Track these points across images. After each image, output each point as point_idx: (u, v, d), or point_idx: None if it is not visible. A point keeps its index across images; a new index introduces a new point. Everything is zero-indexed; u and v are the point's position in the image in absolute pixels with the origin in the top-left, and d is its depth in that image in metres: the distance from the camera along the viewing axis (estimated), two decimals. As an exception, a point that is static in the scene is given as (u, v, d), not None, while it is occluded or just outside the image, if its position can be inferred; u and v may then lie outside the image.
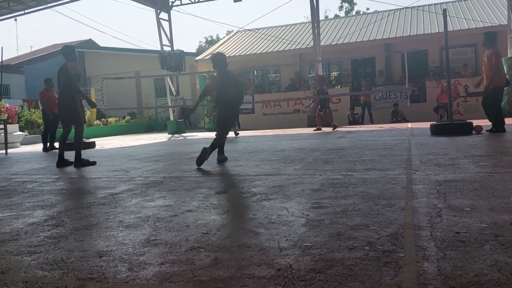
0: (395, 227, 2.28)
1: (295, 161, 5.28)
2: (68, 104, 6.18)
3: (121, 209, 3.15)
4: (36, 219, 2.97)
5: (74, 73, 6.15)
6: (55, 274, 1.90)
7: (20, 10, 15.77)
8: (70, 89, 6.16)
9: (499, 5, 17.45)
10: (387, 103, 15.43)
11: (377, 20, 19.95)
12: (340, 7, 38.57)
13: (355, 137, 8.36)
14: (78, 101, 6.21)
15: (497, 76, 7.40)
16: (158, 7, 15.86)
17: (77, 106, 6.18)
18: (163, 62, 15.01)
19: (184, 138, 12.72)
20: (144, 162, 6.18)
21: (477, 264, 1.71)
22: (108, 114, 19.33)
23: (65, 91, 6.23)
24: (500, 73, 7.46)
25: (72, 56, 6.32)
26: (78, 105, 6.20)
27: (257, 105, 17.36)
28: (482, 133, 7.43)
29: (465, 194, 2.94)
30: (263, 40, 20.61)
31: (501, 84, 7.50)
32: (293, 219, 2.57)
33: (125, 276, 1.82)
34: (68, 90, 6.18)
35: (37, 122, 14.43)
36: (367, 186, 3.43)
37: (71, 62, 6.22)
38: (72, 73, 6.12)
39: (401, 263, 1.77)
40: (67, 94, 6.19)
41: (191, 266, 1.90)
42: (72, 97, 6.16)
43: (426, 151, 5.45)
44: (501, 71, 7.52)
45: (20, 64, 26.64)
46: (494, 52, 7.45)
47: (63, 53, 6.30)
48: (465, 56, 16.93)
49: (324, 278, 1.67)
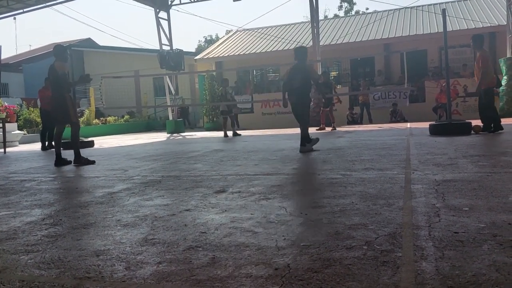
0: (393, 226, 2.28)
1: (294, 161, 5.28)
2: (59, 103, 6.18)
3: (119, 208, 3.14)
4: (33, 218, 2.96)
5: (62, 73, 6.11)
6: (52, 273, 1.89)
7: (19, 8, 15.75)
8: (59, 88, 6.16)
9: (498, 6, 17.46)
10: (386, 103, 15.43)
11: (377, 20, 19.94)
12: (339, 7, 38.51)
13: (354, 137, 8.36)
14: (68, 100, 6.20)
15: (486, 78, 7.51)
16: (157, 6, 15.84)
17: (67, 105, 6.16)
18: (162, 61, 14.99)
19: (183, 137, 12.71)
20: (143, 161, 6.17)
21: (475, 264, 1.70)
22: (107, 113, 19.30)
23: (55, 91, 6.26)
24: (488, 75, 7.56)
25: (63, 56, 6.31)
26: (69, 104, 6.19)
27: (256, 105, 17.36)
28: (481, 133, 7.44)
29: (463, 194, 2.94)
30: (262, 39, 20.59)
31: (489, 85, 7.61)
32: (291, 219, 2.56)
33: (122, 275, 1.82)
34: (57, 90, 6.19)
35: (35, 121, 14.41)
36: (366, 185, 3.42)
37: (59, 62, 6.19)
38: (60, 73, 6.10)
39: (399, 263, 1.77)
40: (57, 93, 6.20)
41: (189, 265, 1.89)
42: (63, 96, 6.15)
43: (425, 151, 5.45)
44: (489, 73, 7.62)
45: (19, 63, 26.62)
46: (482, 55, 7.59)
47: (54, 52, 6.31)
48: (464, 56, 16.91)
49: (322, 277, 1.67)
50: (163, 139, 12.19)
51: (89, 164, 6.15)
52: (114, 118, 18.67)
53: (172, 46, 16.17)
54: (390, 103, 15.21)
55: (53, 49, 6.37)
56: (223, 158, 6.01)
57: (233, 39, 22.23)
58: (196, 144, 9.47)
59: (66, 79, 6.17)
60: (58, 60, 6.20)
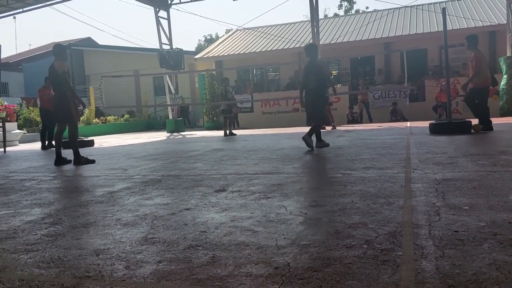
0: (394, 225, 2.27)
1: (294, 160, 5.28)
2: (60, 102, 6.18)
3: (119, 207, 3.14)
4: (33, 217, 2.96)
5: (62, 71, 6.10)
6: (51, 272, 1.89)
7: (19, 8, 15.73)
8: (60, 87, 6.16)
9: (498, 4, 17.44)
10: (386, 102, 15.42)
11: (377, 19, 19.93)
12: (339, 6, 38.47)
13: (354, 136, 8.35)
14: (70, 98, 6.19)
15: (478, 78, 7.64)
16: (157, 5, 15.82)
17: (69, 104, 6.16)
18: (162, 61, 14.98)
19: (183, 136, 12.70)
20: (143, 161, 6.17)
21: (476, 263, 1.70)
22: (107, 112, 19.29)
23: (56, 90, 6.27)
24: (481, 75, 7.66)
25: (62, 55, 6.29)
26: (70, 103, 6.18)
27: (256, 104, 17.35)
28: (480, 132, 7.44)
29: (463, 192, 2.94)
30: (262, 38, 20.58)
31: (483, 85, 7.73)
32: (291, 218, 2.56)
33: (122, 275, 1.81)
34: (59, 89, 6.19)
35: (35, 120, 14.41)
36: (366, 184, 3.42)
37: (59, 61, 6.18)
38: (60, 71, 6.09)
39: (399, 262, 1.76)
40: (58, 92, 6.21)
41: (189, 264, 1.89)
42: (64, 95, 6.14)
43: (425, 149, 5.45)
44: (483, 72, 7.70)
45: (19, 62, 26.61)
46: (475, 55, 7.71)
47: (54, 51, 6.30)
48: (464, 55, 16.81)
49: (322, 276, 1.67)
50: (163, 138, 12.18)
51: (89, 163, 6.15)
52: (114, 117, 18.66)
53: (172, 45, 16.16)
54: (390, 102, 15.20)
55: (53, 48, 6.36)
56: (223, 157, 6.01)
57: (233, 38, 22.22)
58: (196, 143, 9.47)
59: (66, 77, 6.16)
60: (58, 59, 6.20)
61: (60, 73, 6.09)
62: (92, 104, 17.05)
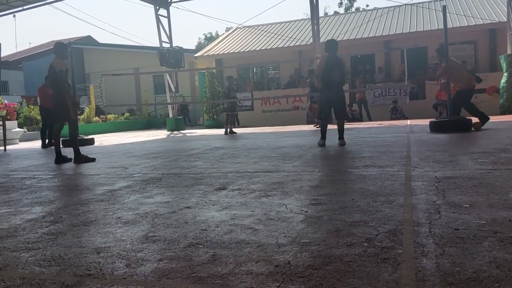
0: (394, 223, 2.28)
1: (294, 158, 5.28)
2: (59, 100, 6.18)
3: (119, 205, 3.14)
4: (34, 216, 2.96)
5: (59, 70, 6.08)
6: (52, 270, 1.89)
7: (18, 6, 15.71)
8: (58, 85, 6.16)
9: (499, 2, 17.41)
10: (386, 100, 15.41)
11: (377, 17, 19.89)
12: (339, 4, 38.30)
13: (354, 134, 8.35)
14: (67, 97, 6.19)
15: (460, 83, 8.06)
16: (157, 3, 15.81)
17: (66, 103, 6.16)
18: (162, 59, 14.97)
19: (183, 135, 12.70)
20: (143, 159, 6.17)
21: (476, 261, 1.70)
22: (107, 110, 19.30)
23: (54, 88, 6.28)
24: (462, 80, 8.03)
25: (63, 54, 6.28)
26: (68, 101, 6.18)
27: (256, 102, 17.34)
28: (481, 130, 7.43)
29: (464, 190, 2.94)
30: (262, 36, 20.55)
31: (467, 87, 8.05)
32: (292, 216, 2.56)
33: (123, 273, 1.82)
34: (56, 87, 6.19)
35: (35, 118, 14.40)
36: (366, 182, 3.42)
37: (58, 59, 6.17)
38: (57, 70, 6.09)
39: (399, 260, 1.77)
40: (56, 90, 6.21)
41: (189, 262, 1.89)
42: (61, 94, 6.14)
43: (425, 148, 5.45)
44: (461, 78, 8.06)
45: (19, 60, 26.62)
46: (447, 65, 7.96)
47: (54, 49, 6.29)
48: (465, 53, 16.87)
49: (322, 274, 1.67)
50: (163, 136, 12.18)
51: (89, 161, 6.15)
52: (114, 115, 18.66)
53: (172, 43, 16.16)
54: (390, 100, 15.20)
55: (54, 46, 6.36)
56: (224, 155, 6.01)
57: (233, 37, 22.19)
58: (196, 141, 9.47)
59: (62, 76, 6.14)
60: (57, 57, 6.19)
61: (57, 71, 6.09)
62: (92, 103, 17.05)
